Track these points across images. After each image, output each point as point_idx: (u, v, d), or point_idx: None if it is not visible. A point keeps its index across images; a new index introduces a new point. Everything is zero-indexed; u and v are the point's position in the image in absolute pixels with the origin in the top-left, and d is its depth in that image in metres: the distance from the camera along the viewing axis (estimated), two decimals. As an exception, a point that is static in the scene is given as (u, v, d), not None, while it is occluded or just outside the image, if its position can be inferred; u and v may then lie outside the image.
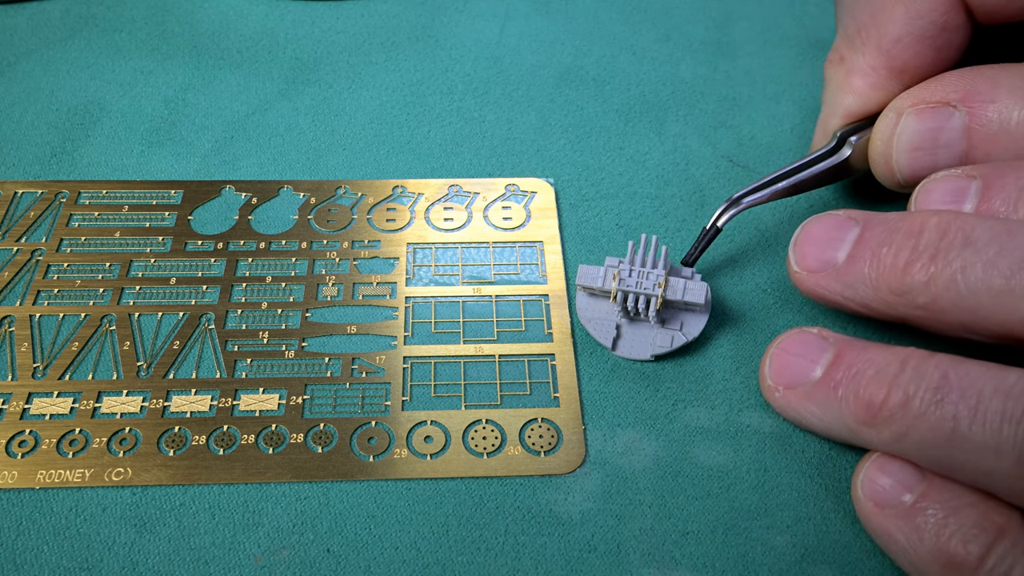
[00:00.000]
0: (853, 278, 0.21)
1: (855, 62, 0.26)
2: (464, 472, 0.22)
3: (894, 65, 0.25)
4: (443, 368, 0.24)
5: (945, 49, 0.25)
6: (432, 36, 0.35)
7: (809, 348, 0.22)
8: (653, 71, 0.34)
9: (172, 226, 0.27)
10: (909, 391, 0.19)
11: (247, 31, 0.35)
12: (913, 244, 0.20)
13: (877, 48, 0.25)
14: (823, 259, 0.22)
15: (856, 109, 0.26)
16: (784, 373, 0.22)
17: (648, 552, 0.21)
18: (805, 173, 0.26)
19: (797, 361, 0.22)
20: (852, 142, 0.26)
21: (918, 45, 0.24)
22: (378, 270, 0.27)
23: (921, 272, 0.20)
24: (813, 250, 0.23)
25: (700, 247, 0.25)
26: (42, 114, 0.31)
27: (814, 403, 0.21)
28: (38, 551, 0.20)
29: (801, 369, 0.22)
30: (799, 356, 0.22)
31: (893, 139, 0.24)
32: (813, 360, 0.22)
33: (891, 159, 0.25)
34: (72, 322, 0.25)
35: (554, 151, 0.31)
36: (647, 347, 0.24)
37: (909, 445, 0.19)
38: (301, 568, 0.20)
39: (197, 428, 0.23)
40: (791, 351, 0.22)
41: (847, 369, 0.20)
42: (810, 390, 0.21)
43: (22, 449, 0.22)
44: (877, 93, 0.26)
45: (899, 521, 0.19)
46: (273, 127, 0.31)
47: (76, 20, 0.35)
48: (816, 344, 0.22)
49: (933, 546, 0.19)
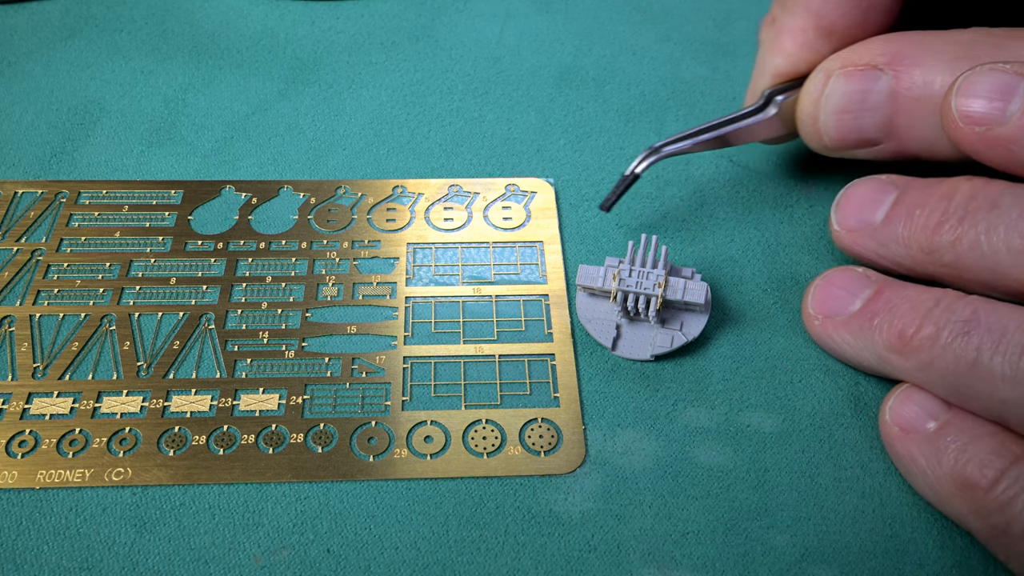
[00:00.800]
0: (888, 237, 0.23)
1: (785, 22, 0.26)
2: (464, 472, 0.22)
3: (822, 25, 0.25)
4: (443, 368, 0.24)
5: (872, 11, 0.25)
6: (432, 36, 0.35)
7: (852, 283, 0.23)
8: (653, 71, 0.34)
9: (172, 226, 0.27)
10: (939, 323, 0.20)
11: (247, 31, 0.35)
12: (944, 207, 0.21)
13: (805, 8, 0.25)
14: (862, 219, 0.23)
15: (785, 69, 0.26)
16: (825, 303, 0.24)
17: (648, 552, 0.21)
18: (731, 127, 0.26)
19: (839, 293, 0.23)
20: (778, 101, 0.26)
21: (845, 5, 0.24)
22: (378, 270, 0.27)
23: (949, 232, 0.21)
24: (854, 210, 0.24)
25: (618, 193, 0.26)
26: (42, 114, 0.31)
27: (849, 332, 0.23)
28: (38, 551, 0.20)
29: (842, 301, 0.23)
30: (842, 289, 0.23)
31: (821, 100, 0.25)
32: (854, 294, 0.23)
33: (818, 120, 0.25)
34: (72, 322, 0.25)
35: (554, 151, 0.31)
36: (647, 347, 0.24)
37: (933, 373, 0.20)
38: (301, 568, 0.20)
39: (197, 428, 0.23)
40: (835, 283, 0.24)
41: (885, 303, 0.22)
42: (847, 320, 0.23)
43: (22, 449, 0.22)
44: (806, 53, 0.26)
45: (921, 445, 0.21)
46: (273, 127, 0.31)
47: (76, 20, 0.35)
48: (859, 280, 0.23)
49: (951, 469, 0.20)
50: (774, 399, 0.24)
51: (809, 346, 0.25)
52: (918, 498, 0.22)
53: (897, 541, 0.21)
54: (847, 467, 0.23)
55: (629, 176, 0.26)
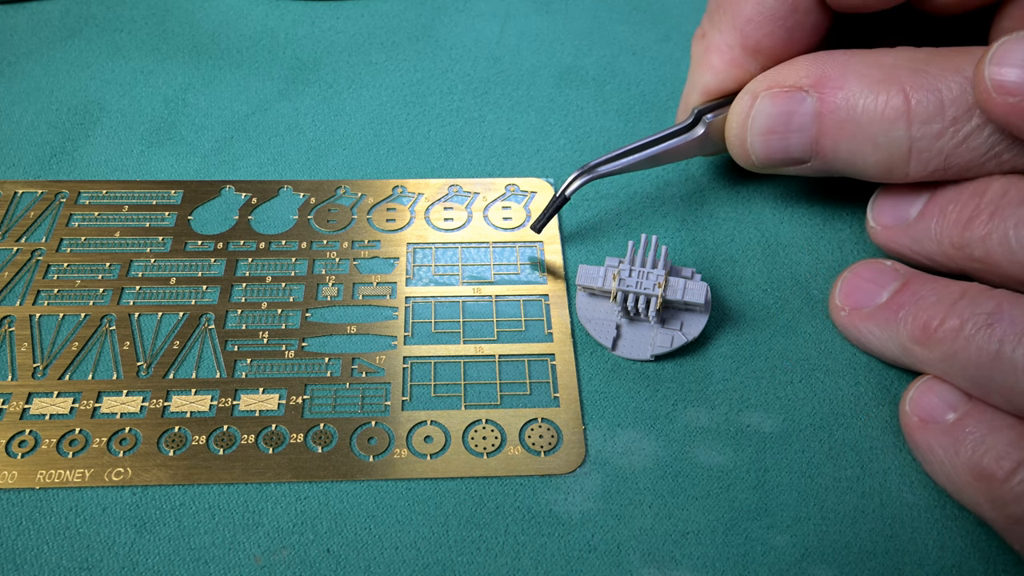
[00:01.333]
0: (921, 233, 0.23)
1: (713, 39, 0.26)
2: (464, 472, 0.22)
3: (748, 44, 0.25)
4: (443, 368, 0.24)
5: (798, 30, 0.25)
6: (432, 36, 0.35)
7: (880, 275, 0.24)
8: (653, 71, 0.34)
9: (172, 226, 0.27)
10: (964, 316, 0.21)
11: (247, 31, 0.35)
12: (977, 202, 0.22)
13: (732, 26, 0.25)
14: (898, 215, 0.24)
15: (714, 86, 0.26)
16: (852, 295, 0.24)
17: (648, 552, 0.21)
18: (661, 147, 0.26)
19: (867, 285, 0.24)
20: (707, 120, 0.26)
21: (770, 25, 0.25)
22: (378, 270, 0.27)
23: (980, 227, 0.21)
24: (889, 208, 0.24)
25: (548, 214, 0.26)
26: (42, 114, 0.31)
27: (875, 323, 0.23)
28: (38, 551, 0.20)
29: (869, 293, 0.24)
30: (869, 281, 0.24)
31: (748, 121, 0.25)
32: (882, 286, 0.23)
33: (746, 141, 0.25)
34: (72, 322, 0.25)
35: (554, 151, 0.31)
36: (647, 347, 0.24)
37: (955, 365, 0.21)
38: (301, 568, 0.20)
39: (197, 428, 0.23)
40: (862, 276, 0.24)
41: (911, 295, 0.22)
42: (874, 311, 0.23)
43: (22, 449, 0.22)
44: (733, 71, 0.26)
45: (940, 436, 0.21)
46: (273, 127, 0.31)
47: (76, 20, 0.35)
48: (887, 273, 0.24)
49: (968, 459, 0.20)
50: (774, 399, 0.24)
51: (809, 346, 0.25)
52: (918, 498, 0.22)
53: (897, 541, 0.21)
54: (847, 467, 0.23)
55: (559, 197, 0.26)
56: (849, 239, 0.28)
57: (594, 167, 0.26)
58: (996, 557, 0.21)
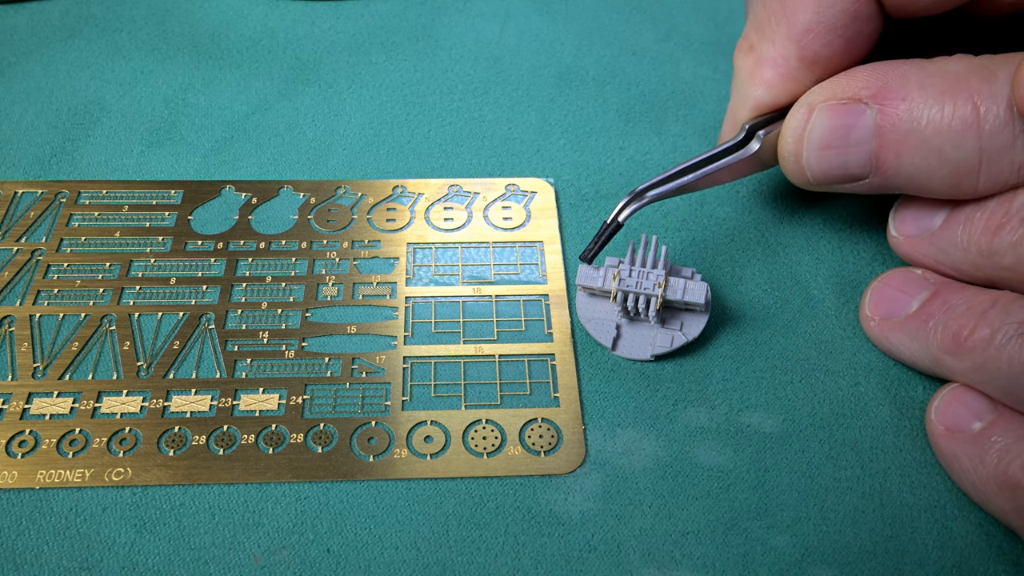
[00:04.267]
0: (946, 242, 0.23)
1: (765, 51, 0.25)
2: (464, 472, 0.22)
3: (805, 55, 0.24)
4: (443, 368, 0.24)
5: (856, 40, 0.24)
6: (432, 36, 0.35)
7: (910, 284, 0.23)
8: (653, 71, 0.34)
9: (172, 226, 0.27)
10: (994, 325, 0.20)
11: (247, 31, 0.35)
12: (1006, 208, 0.21)
13: (787, 37, 0.24)
14: (921, 224, 0.23)
15: (766, 101, 0.25)
16: (882, 305, 0.24)
17: (648, 552, 0.21)
18: (712, 167, 0.25)
19: (897, 295, 0.23)
20: (761, 136, 0.25)
21: (829, 35, 0.24)
22: (378, 270, 0.27)
23: (1010, 234, 0.21)
24: (912, 216, 0.24)
25: (600, 243, 0.25)
26: (42, 114, 0.31)
27: (905, 333, 0.23)
28: (38, 551, 0.20)
29: (899, 302, 0.23)
30: (899, 291, 0.23)
31: (804, 136, 0.24)
32: (911, 295, 0.23)
33: (801, 156, 0.24)
34: (72, 322, 0.25)
35: (554, 151, 0.31)
36: (647, 347, 0.24)
37: (986, 375, 0.20)
38: (301, 568, 0.20)
39: (197, 428, 0.23)
40: (892, 285, 0.24)
41: (941, 304, 0.22)
42: (904, 321, 0.23)
43: (22, 449, 0.22)
44: (788, 84, 0.25)
45: (966, 445, 0.21)
46: (273, 127, 0.31)
47: (76, 20, 0.35)
48: (917, 282, 0.23)
49: (994, 469, 0.20)
50: (774, 399, 0.24)
51: (809, 346, 0.25)
52: (918, 498, 0.22)
53: (897, 541, 0.21)
54: (847, 467, 0.23)
55: (612, 224, 0.25)
56: (849, 239, 0.28)
57: (643, 191, 0.25)
58: (996, 557, 0.21)
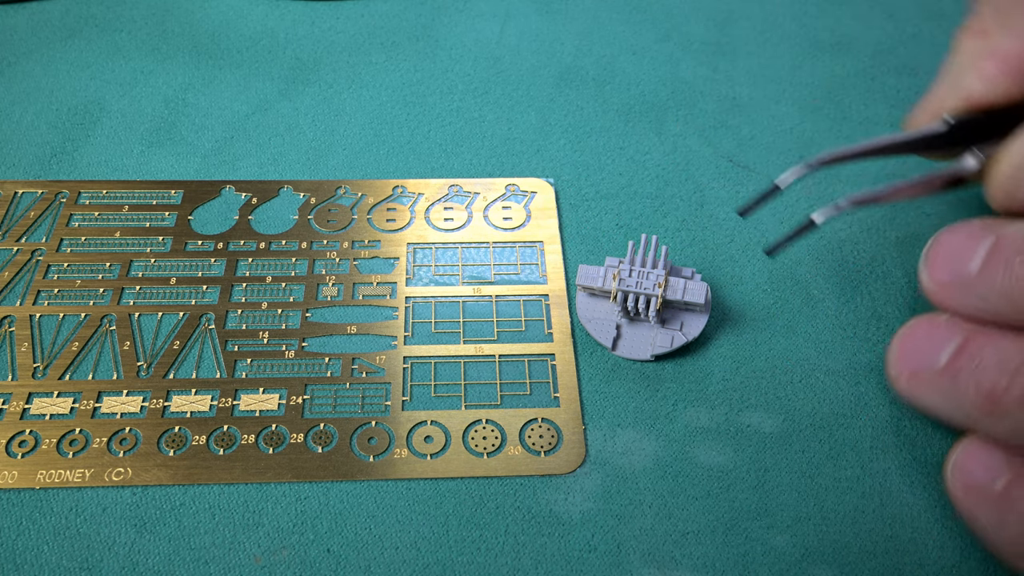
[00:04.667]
0: (986, 289, 0.20)
1: (999, 43, 0.22)
2: (464, 472, 0.22)
3: None
4: (443, 368, 0.24)
5: None
6: (432, 36, 0.35)
7: (937, 334, 0.21)
8: (653, 71, 0.34)
9: (172, 226, 0.27)
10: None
11: (247, 31, 0.35)
12: None
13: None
14: (956, 270, 0.20)
15: (980, 98, 0.22)
16: (909, 359, 0.21)
17: (648, 552, 0.21)
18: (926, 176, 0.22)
19: (923, 346, 0.21)
20: (980, 156, 0.22)
21: None
22: (378, 270, 0.27)
23: None
24: (945, 262, 0.21)
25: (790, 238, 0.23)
26: (42, 114, 0.31)
27: (936, 391, 0.20)
28: (38, 551, 0.20)
29: (926, 355, 0.21)
30: (925, 341, 0.21)
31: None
32: (938, 347, 0.21)
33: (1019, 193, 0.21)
34: (72, 322, 0.25)
35: (554, 151, 0.31)
36: (647, 347, 0.24)
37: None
38: (301, 568, 0.20)
39: (197, 428, 0.23)
40: (918, 335, 0.21)
41: (970, 358, 0.20)
42: (933, 377, 0.21)
43: (22, 449, 0.22)
44: (1012, 87, 0.21)
45: (987, 505, 0.20)
46: (273, 127, 0.31)
47: (76, 20, 0.35)
48: (945, 330, 0.21)
49: (1017, 531, 0.19)
50: (774, 399, 0.24)
51: (809, 346, 0.25)
52: (918, 498, 0.22)
53: (897, 541, 0.21)
54: (847, 467, 0.23)
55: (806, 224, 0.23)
56: (849, 239, 0.28)
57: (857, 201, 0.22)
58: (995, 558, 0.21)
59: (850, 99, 0.33)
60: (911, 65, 0.35)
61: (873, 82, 0.34)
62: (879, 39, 0.36)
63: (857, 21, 0.37)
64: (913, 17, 0.37)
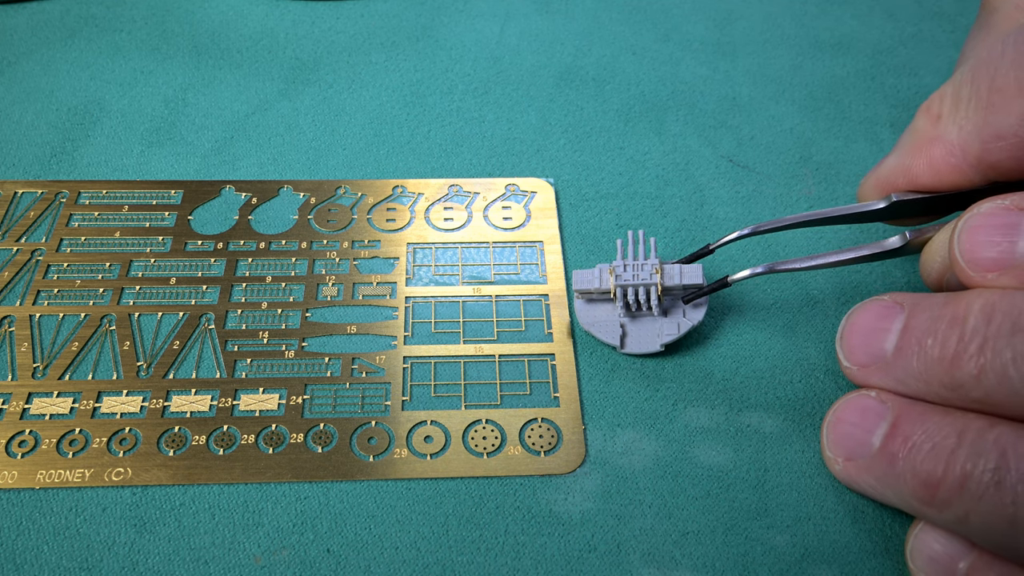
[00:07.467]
0: (903, 372, 0.19)
1: (948, 132, 0.22)
2: (464, 472, 0.22)
3: (984, 160, 0.21)
4: (443, 368, 0.24)
5: None
6: (432, 36, 0.35)
7: (866, 416, 0.20)
8: (653, 71, 0.34)
9: (172, 226, 0.27)
10: (966, 469, 0.18)
11: (247, 31, 0.35)
12: (959, 333, 0.18)
13: (976, 130, 0.21)
14: (871, 352, 0.20)
15: (923, 182, 0.23)
16: (842, 444, 0.21)
17: (648, 552, 0.21)
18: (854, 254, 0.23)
19: (854, 431, 0.21)
20: (908, 236, 0.23)
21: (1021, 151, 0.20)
22: (378, 270, 0.27)
23: (970, 364, 0.18)
24: (861, 343, 0.21)
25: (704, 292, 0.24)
26: (42, 114, 0.31)
27: (874, 477, 0.20)
28: (38, 551, 0.20)
29: (859, 440, 0.20)
30: (856, 426, 0.21)
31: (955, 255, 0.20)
32: (870, 430, 0.20)
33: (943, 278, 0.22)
34: (72, 322, 0.25)
35: (554, 151, 0.31)
36: (655, 339, 0.24)
37: (973, 528, 0.18)
38: (301, 568, 0.20)
39: (197, 428, 0.23)
40: (847, 420, 0.21)
41: (903, 441, 0.19)
42: (869, 463, 0.20)
43: (22, 449, 0.22)
44: (953, 177, 0.22)
45: None
46: (273, 127, 0.31)
47: (76, 20, 0.35)
48: (873, 411, 0.20)
49: None
50: (774, 399, 0.24)
51: (809, 346, 0.25)
52: (918, 498, 0.22)
53: (897, 541, 0.21)
54: (847, 467, 0.23)
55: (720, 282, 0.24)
56: (848, 239, 0.28)
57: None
58: (996, 557, 0.21)
59: (850, 99, 0.33)
60: (911, 65, 0.35)
61: (873, 82, 0.34)
62: (879, 39, 0.36)
63: (857, 21, 0.37)
64: (913, 17, 0.37)
